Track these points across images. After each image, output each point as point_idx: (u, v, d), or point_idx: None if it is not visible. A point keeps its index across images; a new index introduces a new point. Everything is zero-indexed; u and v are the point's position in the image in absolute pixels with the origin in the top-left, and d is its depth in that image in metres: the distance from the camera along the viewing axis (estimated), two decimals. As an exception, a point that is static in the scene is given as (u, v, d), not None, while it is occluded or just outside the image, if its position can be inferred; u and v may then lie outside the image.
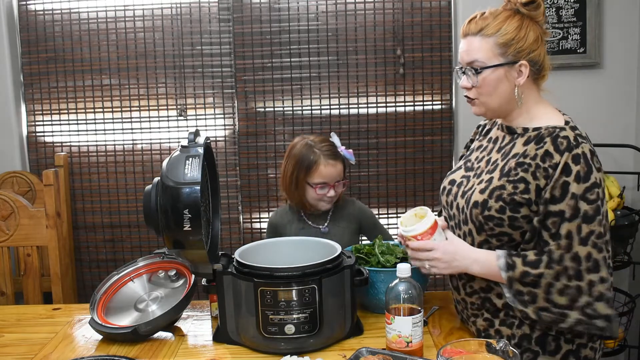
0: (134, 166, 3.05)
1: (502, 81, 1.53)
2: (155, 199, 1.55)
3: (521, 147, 1.54)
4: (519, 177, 1.50)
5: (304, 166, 2.10)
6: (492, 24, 1.52)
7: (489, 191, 1.53)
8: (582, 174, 1.45)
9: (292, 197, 2.16)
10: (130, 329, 1.67)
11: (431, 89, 2.97)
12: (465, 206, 1.59)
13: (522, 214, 1.50)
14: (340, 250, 1.68)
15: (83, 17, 2.97)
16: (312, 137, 2.17)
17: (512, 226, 1.51)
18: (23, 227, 2.31)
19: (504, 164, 1.56)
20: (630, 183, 2.75)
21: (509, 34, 1.51)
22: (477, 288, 1.60)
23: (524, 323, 1.54)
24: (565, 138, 1.48)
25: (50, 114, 3.04)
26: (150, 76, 2.99)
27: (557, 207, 1.46)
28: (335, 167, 2.11)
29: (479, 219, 1.54)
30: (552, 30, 2.81)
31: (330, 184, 2.10)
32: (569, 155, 1.46)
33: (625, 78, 2.85)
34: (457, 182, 1.68)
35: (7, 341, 1.76)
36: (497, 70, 1.52)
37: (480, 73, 1.52)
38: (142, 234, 3.06)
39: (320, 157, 2.09)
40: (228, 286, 1.62)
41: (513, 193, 1.50)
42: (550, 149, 1.48)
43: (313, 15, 2.93)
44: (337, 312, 1.62)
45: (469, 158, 1.73)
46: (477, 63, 1.52)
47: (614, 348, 2.63)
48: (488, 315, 1.60)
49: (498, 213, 1.51)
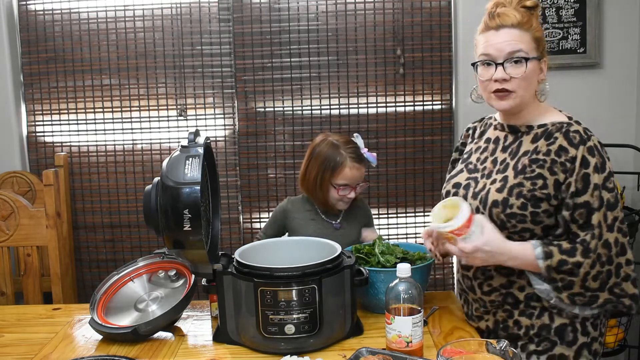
0: (134, 166, 3.05)
1: (535, 75, 1.58)
2: (155, 199, 1.55)
3: (530, 145, 1.59)
4: (536, 174, 1.54)
5: (330, 167, 2.08)
6: (524, 19, 1.55)
7: (507, 189, 1.57)
8: (599, 165, 1.51)
9: (315, 196, 2.15)
10: (130, 329, 1.66)
11: (431, 89, 2.97)
12: (481, 206, 1.61)
13: (542, 209, 1.54)
14: (340, 250, 1.68)
15: (83, 17, 2.97)
16: (336, 136, 2.16)
17: (534, 221, 1.55)
18: (23, 227, 2.31)
19: (515, 162, 1.59)
20: (630, 183, 2.75)
21: (540, 31, 1.58)
22: (497, 285, 1.63)
23: (543, 313, 1.60)
24: (576, 132, 1.54)
25: (50, 114, 3.04)
26: (150, 76, 2.99)
27: (582, 198, 1.51)
28: (360, 170, 2.11)
29: (500, 217, 1.57)
30: (552, 30, 2.81)
31: (352, 185, 2.11)
32: (584, 149, 1.52)
33: (625, 78, 2.85)
34: (463, 185, 1.69)
35: (7, 341, 1.76)
36: (534, 63, 1.57)
37: (527, 63, 1.55)
38: (142, 234, 3.06)
39: (346, 160, 2.08)
40: (228, 286, 1.62)
41: (532, 190, 1.54)
42: (564, 143, 1.53)
43: (313, 15, 2.93)
44: (337, 312, 1.62)
45: (469, 160, 1.73)
46: (521, 53, 1.55)
47: (614, 348, 2.63)
48: (508, 307, 1.64)
49: (520, 210, 1.55)
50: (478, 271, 1.66)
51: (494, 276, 1.63)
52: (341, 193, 2.10)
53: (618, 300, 1.55)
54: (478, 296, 1.68)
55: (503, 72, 1.56)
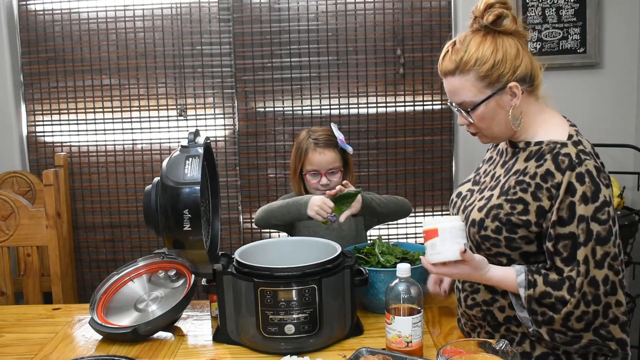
0: (134, 166, 3.05)
1: (497, 110, 1.45)
2: (155, 199, 1.55)
3: (522, 164, 1.47)
4: (517, 197, 1.43)
5: (299, 154, 2.16)
6: (465, 56, 1.43)
7: (486, 209, 1.48)
8: (590, 194, 1.36)
9: (295, 187, 2.21)
10: (130, 329, 1.67)
11: (431, 89, 2.97)
12: (465, 224, 1.53)
13: (519, 235, 1.44)
14: (340, 250, 1.68)
15: (83, 17, 2.97)
16: (314, 127, 2.25)
17: (510, 247, 1.46)
18: (23, 227, 2.31)
19: (505, 180, 1.49)
20: (630, 183, 2.75)
21: (487, 63, 1.42)
22: (480, 301, 1.55)
23: (524, 340, 1.50)
24: (566, 156, 1.39)
25: (50, 114, 3.04)
26: (150, 76, 2.99)
27: (567, 229, 1.38)
28: (325, 155, 2.12)
29: (475, 238, 1.50)
30: (552, 30, 2.81)
31: (321, 172, 2.12)
32: (572, 174, 1.37)
33: (625, 78, 2.85)
34: (463, 195, 1.63)
35: (7, 341, 1.76)
36: (489, 103, 1.44)
37: (474, 111, 1.45)
38: (142, 234, 3.06)
39: (310, 144, 2.13)
40: (228, 286, 1.62)
41: (510, 214, 1.43)
42: (551, 167, 1.40)
43: (313, 15, 2.93)
44: (337, 312, 1.62)
45: (479, 171, 1.67)
46: (465, 104, 1.46)
47: (614, 348, 2.63)
48: (489, 329, 1.56)
49: (494, 233, 1.45)
50: (466, 283, 1.58)
51: (480, 290, 1.54)
52: (311, 180, 2.14)
53: (603, 343, 1.40)
54: (463, 309, 1.61)
55: (462, 119, 1.50)
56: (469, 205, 1.57)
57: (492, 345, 1.26)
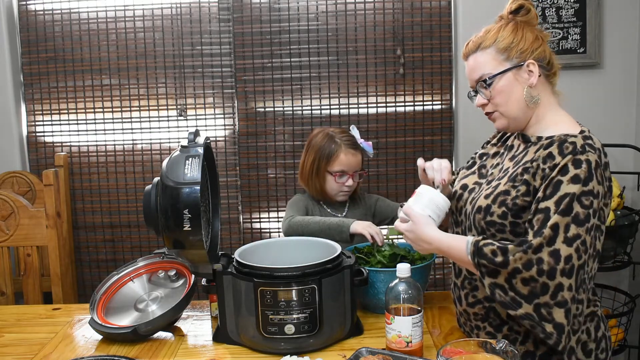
0: (134, 166, 3.05)
1: (514, 85, 1.50)
2: (155, 199, 1.55)
3: (533, 155, 1.50)
4: (522, 180, 1.46)
5: (325, 154, 2.17)
6: (488, 36, 1.52)
7: (493, 196, 1.50)
8: (582, 177, 1.38)
9: (312, 186, 2.21)
10: (130, 329, 1.67)
11: (431, 89, 2.97)
12: (471, 212, 1.56)
13: (524, 219, 1.45)
14: (340, 250, 1.68)
15: (83, 17, 2.97)
16: (332, 128, 2.26)
17: (514, 232, 1.47)
18: (23, 227, 2.31)
19: (513, 171, 1.52)
20: (630, 183, 2.75)
21: (507, 39, 1.50)
22: (481, 297, 1.55)
23: (527, 339, 1.50)
24: (572, 143, 1.43)
25: (50, 114, 3.04)
26: (150, 76, 2.99)
27: (545, 204, 1.40)
28: (356, 156, 2.19)
29: (481, 224, 1.51)
30: (552, 30, 2.81)
31: (349, 172, 2.16)
32: (571, 158, 1.40)
33: (625, 78, 2.85)
34: (469, 188, 1.64)
35: (7, 341, 1.76)
36: (505, 76, 1.50)
37: (491, 84, 1.51)
38: (142, 234, 3.06)
39: (341, 146, 2.17)
40: (228, 286, 1.63)
41: (515, 197, 1.46)
42: (554, 151, 1.43)
43: (313, 15, 2.93)
44: (337, 312, 1.62)
45: (484, 164, 1.68)
46: (484, 76, 1.51)
47: (614, 348, 2.63)
48: (490, 329, 1.56)
49: (500, 219, 1.47)
50: (465, 280, 1.58)
51: (479, 287, 1.55)
52: (339, 180, 2.16)
53: (539, 322, 1.37)
54: (463, 307, 1.61)
55: (480, 98, 1.55)
56: (477, 195, 1.58)
57: (492, 345, 1.26)
